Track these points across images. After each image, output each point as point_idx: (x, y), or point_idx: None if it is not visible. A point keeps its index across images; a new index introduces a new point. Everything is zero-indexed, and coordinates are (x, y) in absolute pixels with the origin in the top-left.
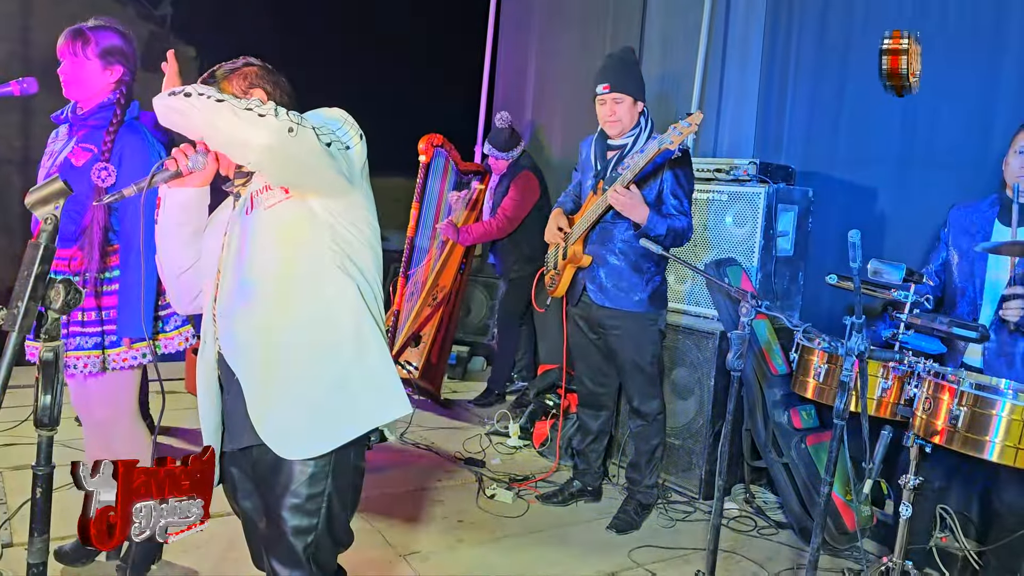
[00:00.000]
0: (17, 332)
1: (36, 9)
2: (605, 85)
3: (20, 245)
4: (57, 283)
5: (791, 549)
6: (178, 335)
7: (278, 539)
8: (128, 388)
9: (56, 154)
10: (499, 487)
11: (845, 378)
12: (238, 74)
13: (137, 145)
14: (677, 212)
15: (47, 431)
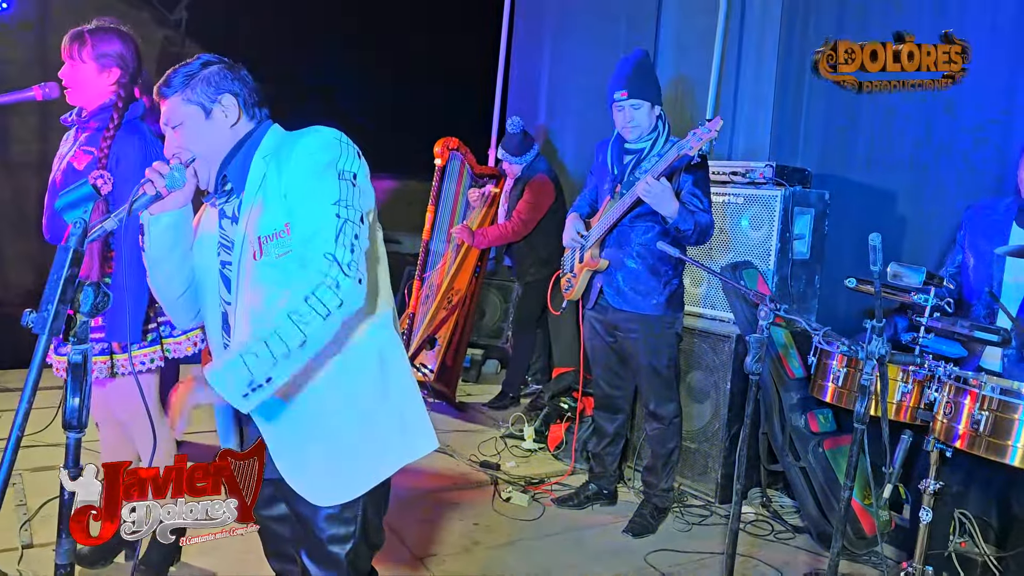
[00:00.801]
0: (47, 335)
1: (53, 15)
2: (622, 91)
3: (38, 248)
4: (86, 286)
5: (808, 553)
6: (186, 339)
7: (317, 547)
8: (145, 391)
9: (63, 157)
10: (515, 490)
11: (865, 382)
12: (199, 81)
13: (134, 146)
14: (698, 210)
15: (75, 433)
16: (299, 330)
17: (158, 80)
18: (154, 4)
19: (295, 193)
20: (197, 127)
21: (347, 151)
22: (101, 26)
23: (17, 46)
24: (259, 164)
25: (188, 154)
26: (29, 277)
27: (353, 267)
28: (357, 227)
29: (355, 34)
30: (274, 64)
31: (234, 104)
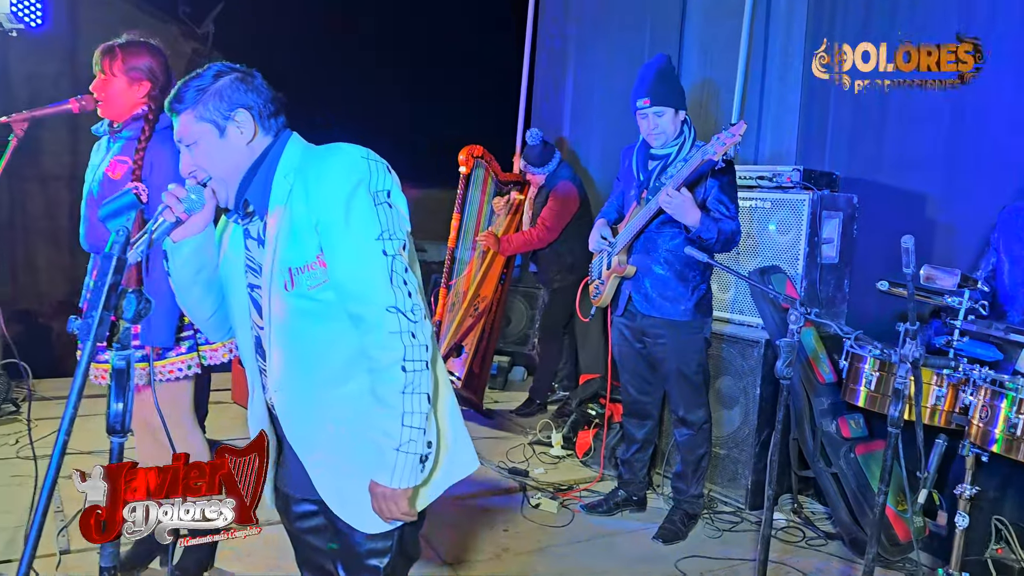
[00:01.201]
0: (92, 341)
1: (83, 29)
2: (645, 99)
3: (69, 258)
4: (128, 293)
5: (841, 560)
6: (222, 347)
7: (354, 560)
8: (181, 397)
9: (96, 167)
10: (544, 496)
11: (900, 385)
12: (211, 96)
13: (167, 155)
14: (724, 217)
15: (119, 437)
16: (420, 395)
17: None
18: (182, 18)
19: (330, 229)
20: (211, 146)
21: (375, 168)
22: (131, 40)
23: (48, 60)
24: (281, 183)
25: (204, 174)
26: (62, 288)
27: (417, 309)
28: (403, 258)
29: (378, 43)
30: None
31: (249, 119)
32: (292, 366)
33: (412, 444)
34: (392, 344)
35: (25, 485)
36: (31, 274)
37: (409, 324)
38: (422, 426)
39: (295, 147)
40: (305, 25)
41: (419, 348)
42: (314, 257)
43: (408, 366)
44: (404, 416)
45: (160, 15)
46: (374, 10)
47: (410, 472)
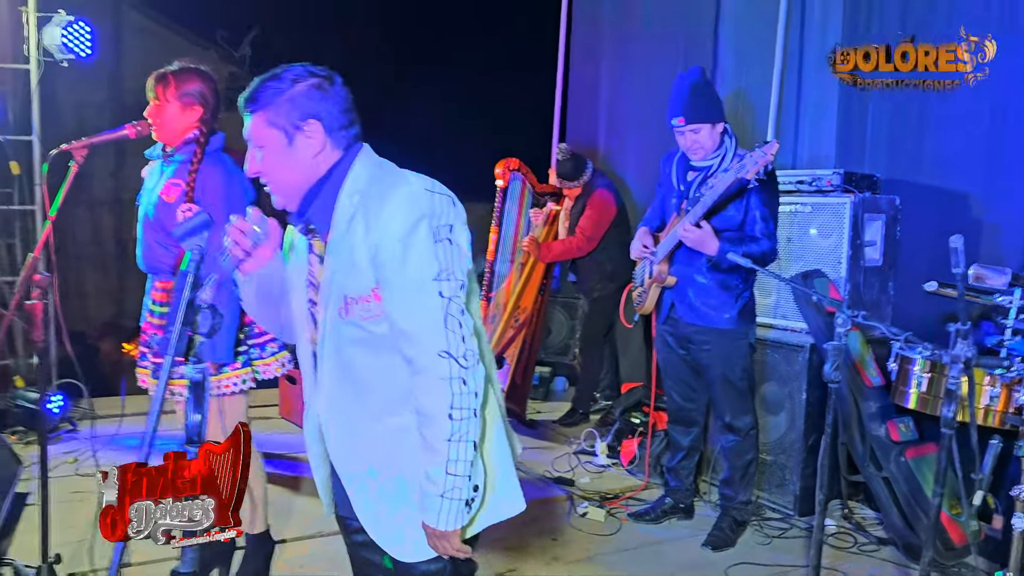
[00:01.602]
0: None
1: (126, 56)
2: (679, 118)
3: (116, 281)
4: (204, 309)
5: (895, 566)
6: (275, 361)
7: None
8: (235, 412)
9: (151, 191)
10: (591, 505)
11: (952, 386)
12: (285, 101)
13: (218, 177)
14: (762, 235)
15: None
16: (467, 443)
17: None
18: (219, 42)
19: (387, 265)
20: (278, 154)
21: (439, 202)
22: (183, 67)
23: (94, 89)
24: (345, 204)
25: (266, 178)
26: (108, 311)
27: (470, 355)
28: (460, 299)
29: (412, 61)
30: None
31: (319, 130)
32: (341, 391)
33: (456, 491)
34: (441, 391)
35: (86, 501)
36: (79, 298)
37: (460, 370)
38: (466, 473)
39: (363, 166)
40: (341, 45)
41: (468, 396)
42: (369, 290)
43: (455, 414)
44: (448, 464)
45: (199, 41)
46: (409, 29)
47: (455, 516)
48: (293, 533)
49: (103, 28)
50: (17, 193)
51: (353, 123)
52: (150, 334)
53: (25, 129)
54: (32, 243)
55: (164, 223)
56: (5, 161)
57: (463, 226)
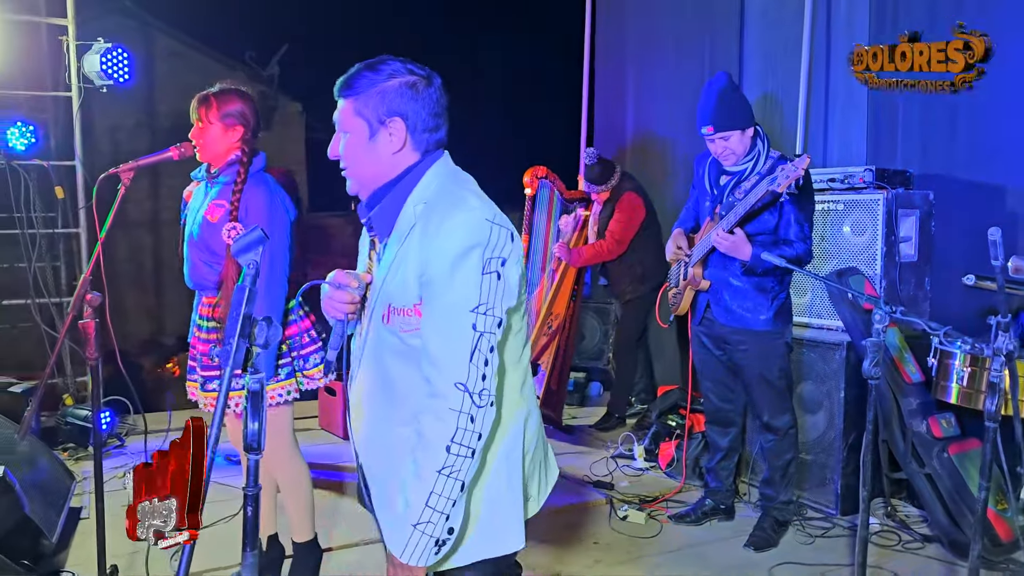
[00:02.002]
0: (230, 367)
1: (158, 81)
2: (708, 127)
3: (154, 300)
4: (260, 321)
5: (941, 563)
6: (318, 372)
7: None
8: (281, 423)
9: (196, 211)
10: (630, 508)
11: (995, 379)
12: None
13: (260, 197)
14: (797, 238)
15: (255, 455)
16: (455, 480)
17: None
18: (248, 62)
19: (431, 285)
20: (358, 145)
21: (497, 235)
22: (223, 88)
23: (126, 113)
24: (410, 212)
25: (344, 162)
26: (146, 327)
27: (485, 395)
28: (493, 337)
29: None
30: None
31: (402, 129)
32: (374, 391)
33: (430, 526)
34: (447, 420)
35: None
36: (118, 315)
37: (471, 406)
38: (446, 511)
39: (436, 175)
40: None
41: (471, 434)
42: (412, 304)
43: (453, 448)
44: (430, 496)
45: (228, 61)
46: (433, 40)
47: (422, 552)
48: (339, 541)
49: (137, 54)
50: (61, 217)
51: (439, 128)
52: (198, 349)
53: (68, 154)
54: (76, 265)
55: (209, 242)
56: (50, 186)
57: (517, 263)
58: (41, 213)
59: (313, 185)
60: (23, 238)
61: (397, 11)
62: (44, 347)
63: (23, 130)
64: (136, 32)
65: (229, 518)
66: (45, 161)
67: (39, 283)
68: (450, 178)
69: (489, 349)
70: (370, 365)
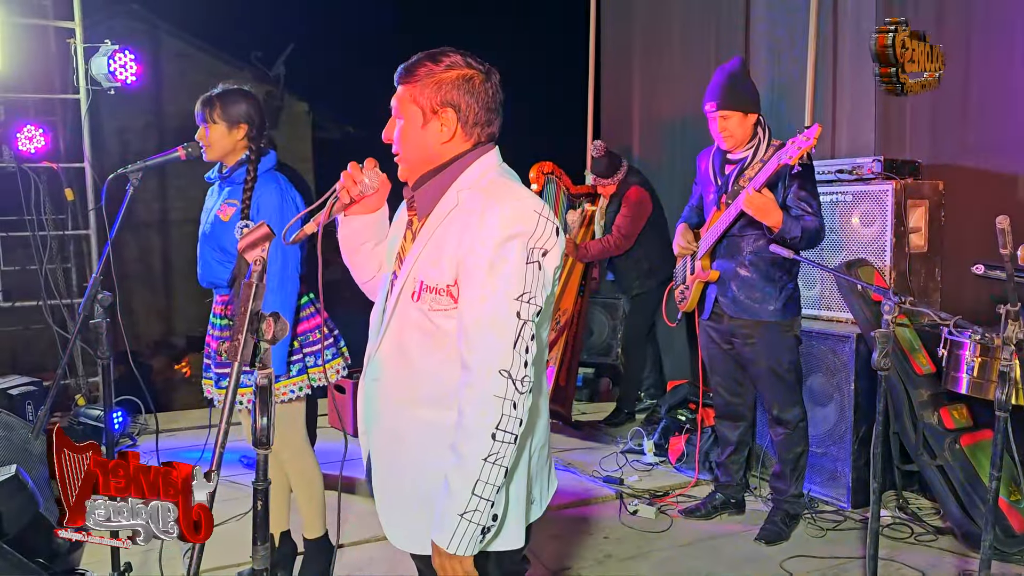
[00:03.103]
0: (238, 362)
1: (165, 82)
2: (711, 104)
3: (163, 300)
4: (268, 317)
5: (954, 555)
6: (329, 368)
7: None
8: (290, 419)
9: (209, 211)
10: (641, 503)
11: (1005, 368)
12: (432, 82)
13: (272, 195)
14: (807, 214)
15: (264, 450)
16: (500, 467)
17: None
18: (255, 63)
19: (474, 271)
20: (411, 130)
21: (543, 227)
22: (226, 89)
23: (134, 114)
24: (452, 197)
25: (396, 147)
26: (156, 328)
27: (527, 382)
28: (534, 326)
29: None
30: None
31: (454, 120)
32: (394, 367)
33: (477, 514)
34: (492, 408)
35: None
36: (127, 316)
37: (515, 393)
38: (492, 498)
39: (483, 166)
40: (370, 59)
41: (514, 421)
42: (445, 285)
43: (499, 435)
44: (476, 484)
45: (234, 62)
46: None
47: (469, 541)
48: (351, 538)
49: (144, 55)
50: (70, 219)
51: (491, 123)
52: (212, 347)
53: (77, 156)
54: (87, 266)
55: (221, 241)
56: (60, 188)
57: (556, 257)
58: (51, 215)
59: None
60: (34, 240)
61: (403, 10)
62: (56, 348)
63: (33, 133)
64: (143, 34)
65: (240, 516)
66: (55, 163)
67: (50, 285)
68: (497, 171)
69: (531, 337)
70: (392, 343)
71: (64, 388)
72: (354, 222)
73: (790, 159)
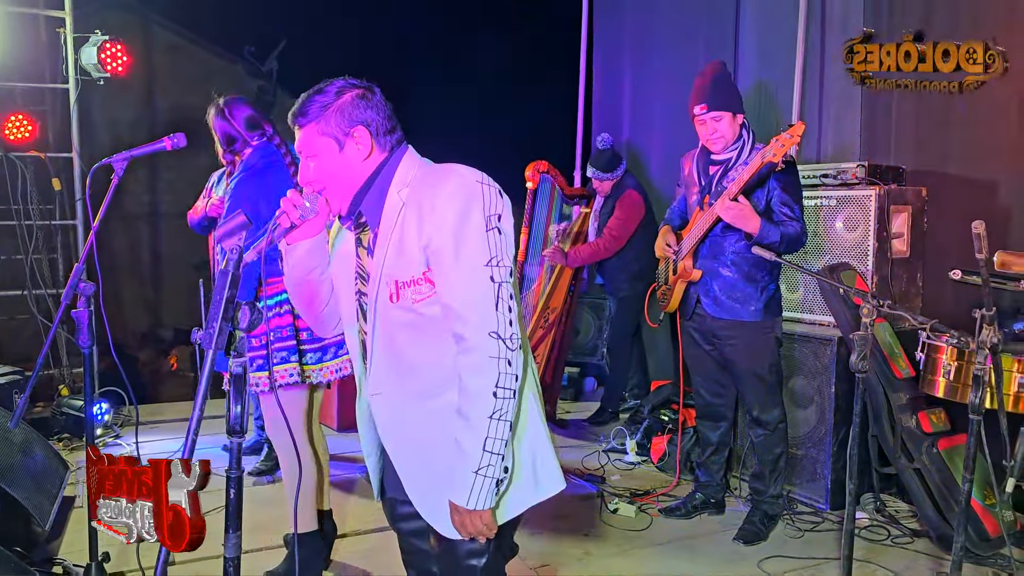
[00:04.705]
0: (213, 350)
1: (157, 73)
2: (702, 105)
3: (152, 293)
4: (244, 305)
5: (929, 558)
6: (328, 366)
7: (453, 560)
8: (271, 408)
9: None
10: (621, 501)
11: (979, 372)
12: (333, 111)
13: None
14: (789, 219)
15: (237, 438)
16: (504, 422)
17: None
18: (247, 57)
19: (441, 251)
20: (330, 160)
21: (489, 193)
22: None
23: (125, 106)
24: (394, 198)
25: (320, 185)
26: (144, 320)
27: (515, 338)
28: (509, 285)
29: (440, 65)
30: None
31: (367, 136)
32: (391, 373)
33: (490, 469)
34: (488, 369)
35: None
36: (115, 307)
37: (507, 351)
38: (501, 452)
39: (410, 163)
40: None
41: (511, 376)
42: (420, 273)
43: (499, 392)
44: (487, 441)
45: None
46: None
47: (486, 495)
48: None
49: (135, 46)
50: (58, 209)
51: (395, 128)
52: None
53: (65, 146)
54: (73, 257)
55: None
56: (48, 178)
57: (509, 216)
58: (38, 205)
59: None
60: (20, 229)
61: (396, 8)
62: (41, 338)
63: (20, 121)
64: (135, 25)
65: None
66: (42, 153)
67: (36, 275)
68: (421, 162)
69: (509, 297)
70: (383, 349)
71: (49, 379)
72: (298, 249)
73: (774, 156)
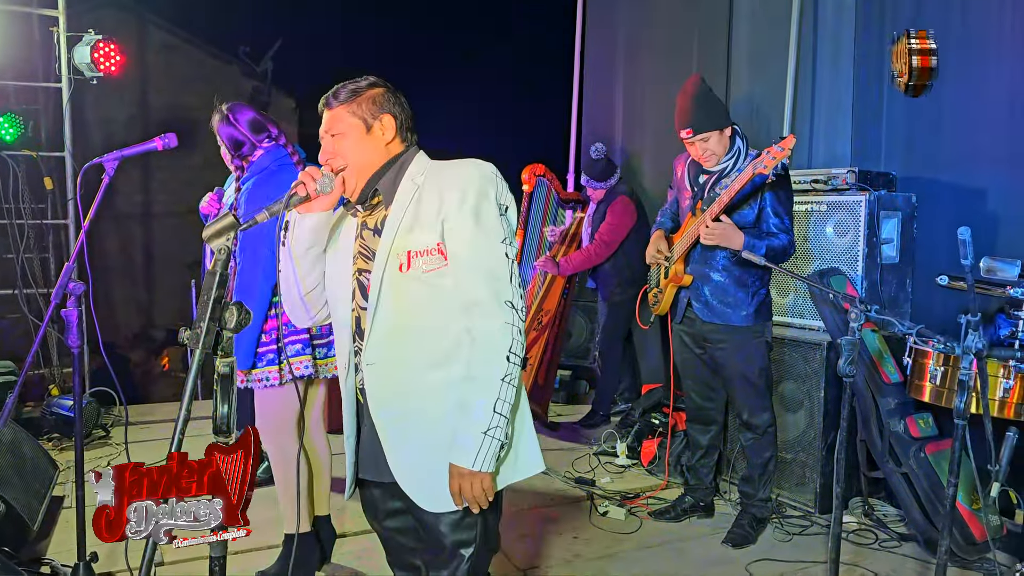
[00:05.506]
0: (200, 349)
1: (152, 76)
2: (687, 130)
3: (144, 293)
4: (231, 305)
5: (916, 561)
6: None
7: (440, 553)
8: (270, 404)
9: None
10: (611, 504)
11: (964, 377)
12: (365, 98)
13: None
14: (778, 230)
15: (224, 438)
16: (513, 386)
17: None
18: (242, 58)
19: (461, 225)
20: (356, 139)
21: (501, 184)
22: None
23: (118, 105)
24: (408, 185)
25: (340, 162)
26: (136, 320)
27: (523, 311)
28: (516, 264)
29: (437, 69)
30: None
31: (392, 125)
32: (393, 344)
33: (498, 431)
34: (504, 333)
35: None
36: (107, 308)
37: (518, 320)
38: (508, 415)
39: (424, 159)
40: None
41: (521, 344)
42: (434, 243)
43: (511, 357)
44: (497, 403)
45: (222, 56)
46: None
47: (491, 457)
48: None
49: (129, 46)
50: (50, 208)
51: (415, 130)
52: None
53: (57, 145)
54: (65, 256)
55: None
56: (40, 177)
57: (514, 211)
58: (30, 204)
59: None
60: (11, 229)
61: (392, 11)
62: (32, 338)
63: (13, 120)
64: (128, 24)
65: None
66: (34, 152)
67: (27, 274)
68: (437, 162)
69: (518, 274)
70: (388, 320)
71: (40, 378)
72: (308, 220)
73: (764, 168)
